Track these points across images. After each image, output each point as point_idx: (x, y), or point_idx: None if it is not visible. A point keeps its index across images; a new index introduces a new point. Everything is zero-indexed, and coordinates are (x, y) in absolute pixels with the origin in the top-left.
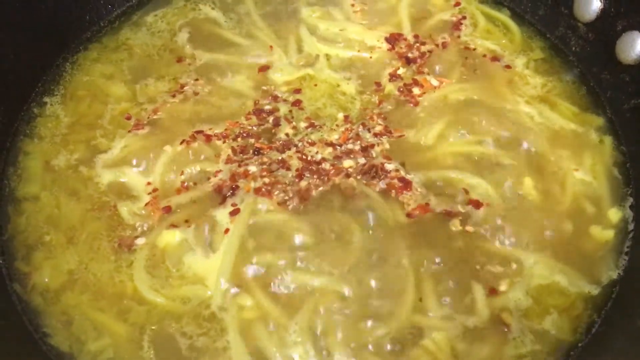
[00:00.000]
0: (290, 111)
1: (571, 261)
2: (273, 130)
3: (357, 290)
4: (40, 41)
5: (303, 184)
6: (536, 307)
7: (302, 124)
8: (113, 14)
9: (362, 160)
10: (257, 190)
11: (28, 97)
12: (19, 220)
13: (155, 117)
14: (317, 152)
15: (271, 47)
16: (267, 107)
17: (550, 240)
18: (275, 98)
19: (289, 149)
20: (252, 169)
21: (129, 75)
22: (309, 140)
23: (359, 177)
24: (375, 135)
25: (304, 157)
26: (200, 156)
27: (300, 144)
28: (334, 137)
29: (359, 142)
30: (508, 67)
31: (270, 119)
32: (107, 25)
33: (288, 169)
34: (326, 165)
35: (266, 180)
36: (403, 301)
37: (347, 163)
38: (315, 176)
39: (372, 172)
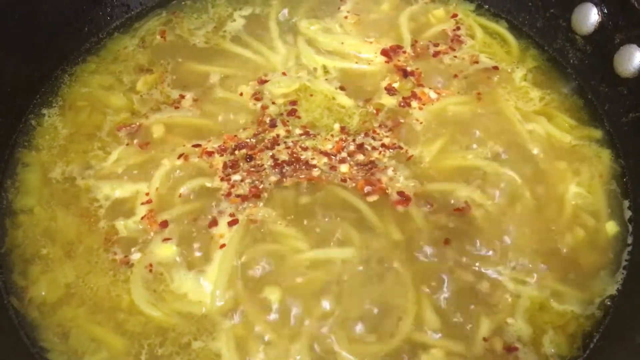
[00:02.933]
0: (286, 119)
1: (569, 276)
2: (268, 134)
3: (357, 304)
4: (39, 53)
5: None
6: (533, 323)
7: (297, 131)
8: (112, 25)
9: (360, 157)
10: (243, 198)
11: (26, 109)
12: (16, 233)
13: (153, 129)
14: (312, 158)
15: (268, 60)
16: (264, 119)
17: (548, 254)
18: (273, 110)
19: (278, 145)
20: (236, 177)
21: (127, 87)
22: (302, 146)
23: (354, 171)
24: (373, 148)
25: (294, 153)
26: (198, 170)
27: (291, 144)
28: (328, 146)
29: (354, 144)
30: (506, 79)
31: (266, 129)
32: (105, 37)
33: (276, 161)
34: (318, 172)
35: (249, 180)
36: (402, 317)
37: (344, 168)
38: (301, 168)
39: (369, 166)
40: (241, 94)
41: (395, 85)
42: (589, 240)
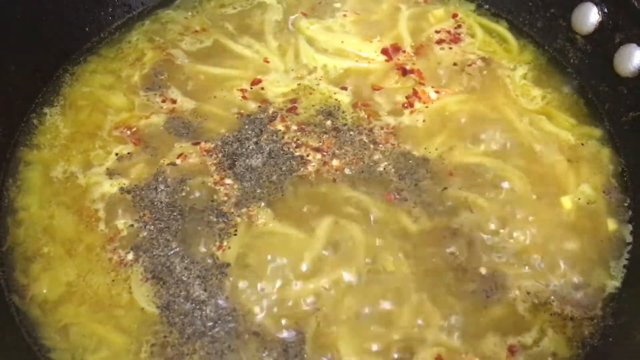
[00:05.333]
0: (285, 115)
1: (568, 274)
2: (267, 129)
3: (358, 300)
4: (41, 53)
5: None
6: (533, 322)
7: (294, 127)
8: (113, 25)
9: (355, 154)
10: (243, 197)
11: (28, 108)
12: (18, 231)
13: (153, 128)
14: (307, 154)
15: (267, 59)
16: (263, 117)
17: (548, 252)
18: (271, 108)
19: (275, 142)
20: (235, 177)
21: (128, 86)
22: (298, 142)
23: (346, 167)
24: (368, 144)
25: (290, 149)
26: (196, 169)
27: (288, 140)
28: (320, 143)
29: (348, 142)
30: (506, 78)
31: (265, 126)
32: (107, 37)
33: (273, 158)
34: (313, 168)
35: (248, 179)
36: (403, 314)
37: (335, 162)
38: (297, 163)
39: (364, 165)
40: (241, 93)
41: (395, 84)
42: (589, 239)
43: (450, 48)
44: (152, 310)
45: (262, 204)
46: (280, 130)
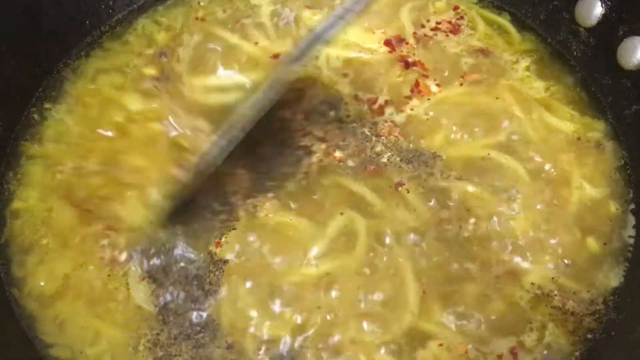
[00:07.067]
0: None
1: (571, 268)
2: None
3: (361, 292)
4: (42, 47)
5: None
6: (534, 316)
7: (299, 116)
8: (114, 18)
9: (357, 146)
10: (248, 189)
11: (29, 103)
12: (17, 225)
13: (153, 123)
14: (312, 145)
15: (269, 51)
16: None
17: (550, 246)
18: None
19: (282, 131)
20: (241, 169)
21: (129, 81)
22: (303, 131)
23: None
24: (370, 136)
25: (296, 139)
26: None
27: (293, 131)
28: (323, 134)
29: (354, 138)
30: (508, 71)
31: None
32: (108, 31)
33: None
34: (317, 158)
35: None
36: (403, 308)
37: (338, 154)
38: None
39: (366, 157)
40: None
41: (398, 78)
42: (591, 231)
43: (449, 37)
44: (148, 308)
45: (270, 194)
46: (286, 118)
